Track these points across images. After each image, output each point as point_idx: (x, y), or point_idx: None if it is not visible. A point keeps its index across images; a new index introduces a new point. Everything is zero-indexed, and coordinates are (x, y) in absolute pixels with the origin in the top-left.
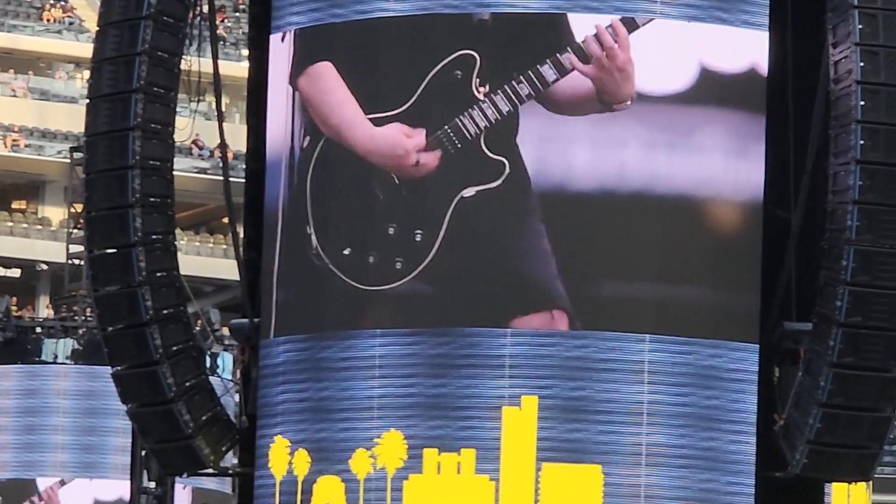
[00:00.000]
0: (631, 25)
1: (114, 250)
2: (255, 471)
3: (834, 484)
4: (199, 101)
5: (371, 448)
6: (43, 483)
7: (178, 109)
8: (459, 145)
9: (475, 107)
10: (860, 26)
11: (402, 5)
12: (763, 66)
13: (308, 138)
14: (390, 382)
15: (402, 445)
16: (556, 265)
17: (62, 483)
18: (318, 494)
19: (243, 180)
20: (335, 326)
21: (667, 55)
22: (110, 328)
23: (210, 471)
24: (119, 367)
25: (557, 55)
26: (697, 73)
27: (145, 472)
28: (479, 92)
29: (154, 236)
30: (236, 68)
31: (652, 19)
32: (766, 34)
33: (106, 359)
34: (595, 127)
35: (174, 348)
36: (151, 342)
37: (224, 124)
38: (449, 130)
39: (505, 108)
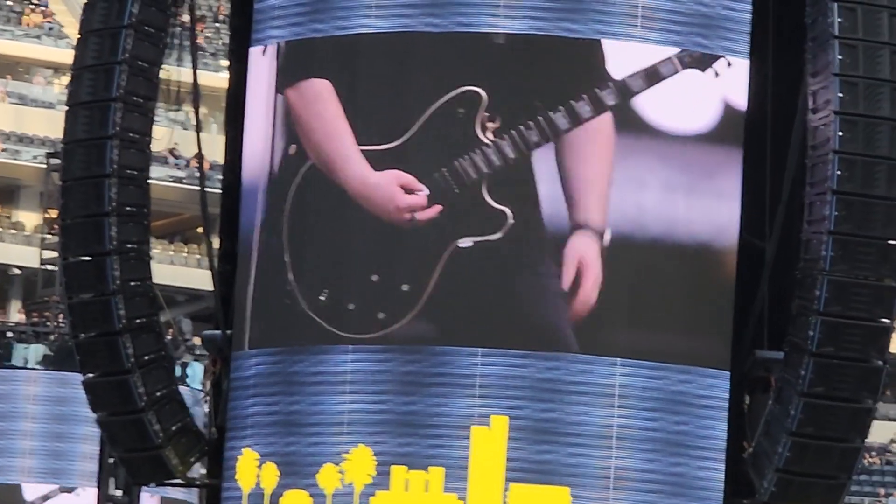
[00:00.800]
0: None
1: (88, 258)
2: (223, 482)
3: None
4: (177, 110)
5: (339, 463)
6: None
7: (155, 119)
8: (457, 191)
9: (478, 150)
10: (840, 57)
11: (381, 22)
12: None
13: (293, 151)
14: (361, 398)
15: (370, 461)
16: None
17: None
18: None
19: (219, 191)
20: (307, 342)
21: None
22: (82, 335)
23: (178, 481)
24: (90, 375)
25: (572, 102)
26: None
27: (112, 480)
28: (483, 134)
29: (129, 245)
30: (215, 79)
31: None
32: (747, 62)
33: (77, 365)
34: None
35: (146, 358)
36: (123, 351)
37: (201, 134)
38: (447, 174)
39: (511, 154)
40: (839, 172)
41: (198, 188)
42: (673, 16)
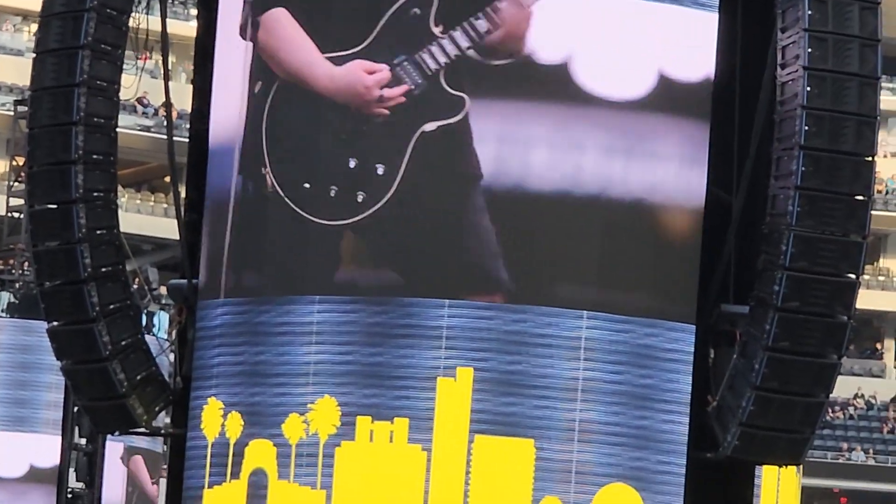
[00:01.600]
0: None
1: (54, 206)
2: (188, 432)
3: (765, 466)
4: (145, 58)
5: (304, 413)
6: None
7: (124, 67)
8: (420, 80)
9: (434, 43)
10: (809, 12)
11: None
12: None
13: (260, 83)
14: (327, 349)
15: (335, 412)
16: (501, 252)
17: None
18: (249, 457)
19: (186, 140)
20: (275, 291)
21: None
22: (48, 284)
23: (142, 430)
24: (55, 323)
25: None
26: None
27: (77, 428)
28: (436, 29)
29: (95, 193)
30: (184, 27)
31: None
32: (717, 16)
33: (42, 313)
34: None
35: (111, 307)
36: (88, 299)
37: (170, 83)
38: (409, 66)
39: (465, 43)
40: (807, 128)
41: (165, 137)
42: None
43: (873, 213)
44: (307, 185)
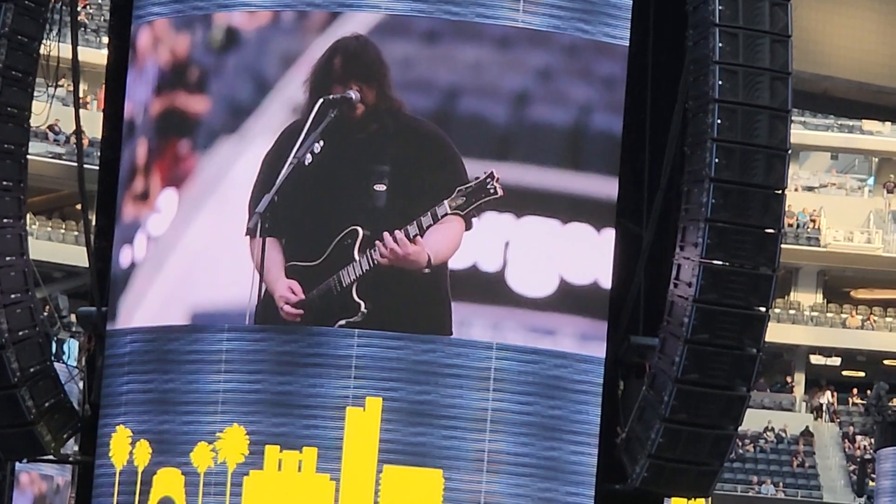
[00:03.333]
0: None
1: None
2: (96, 459)
3: (674, 499)
4: (56, 86)
5: (213, 442)
6: None
7: (35, 94)
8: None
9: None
10: (720, 44)
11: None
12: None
13: None
14: (236, 378)
15: (244, 441)
16: None
17: None
18: (157, 486)
19: (97, 167)
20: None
21: None
22: None
23: (50, 458)
24: None
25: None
26: None
27: None
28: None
29: (5, 220)
30: (96, 55)
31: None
32: (627, 49)
33: None
34: None
35: (20, 333)
36: None
37: (81, 111)
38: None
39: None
40: (717, 160)
41: (76, 164)
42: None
43: (784, 246)
44: None
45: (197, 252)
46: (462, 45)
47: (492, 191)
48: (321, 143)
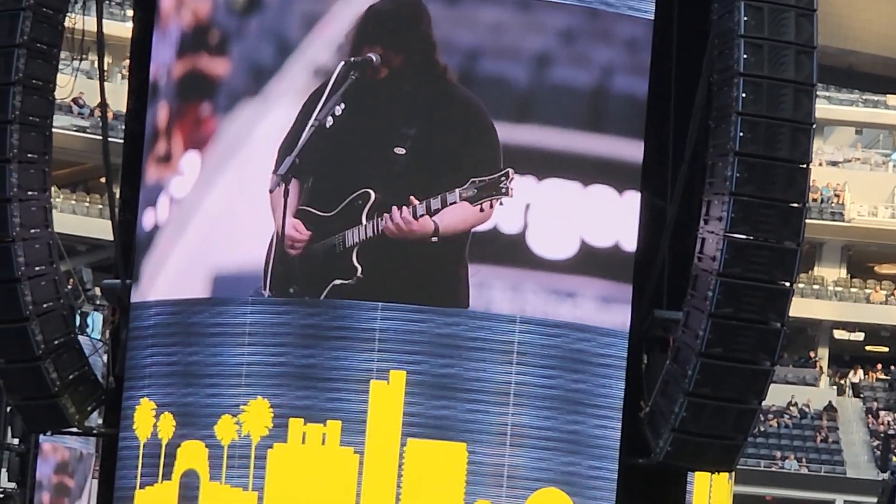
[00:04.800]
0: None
1: None
2: (120, 432)
3: (697, 473)
4: (81, 59)
5: (237, 415)
6: None
7: (60, 67)
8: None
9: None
10: (745, 18)
11: None
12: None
13: None
14: (260, 350)
15: (268, 414)
16: None
17: None
18: (181, 458)
19: (122, 141)
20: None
21: None
22: None
23: (74, 430)
24: None
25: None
26: None
27: (9, 428)
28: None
29: (30, 192)
30: (120, 28)
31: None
32: (651, 21)
33: None
34: None
35: (45, 306)
36: (22, 298)
37: (105, 84)
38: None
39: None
40: (742, 134)
41: (101, 138)
42: None
43: (808, 221)
44: None
45: (218, 214)
46: (483, 6)
47: (504, 191)
48: (342, 105)
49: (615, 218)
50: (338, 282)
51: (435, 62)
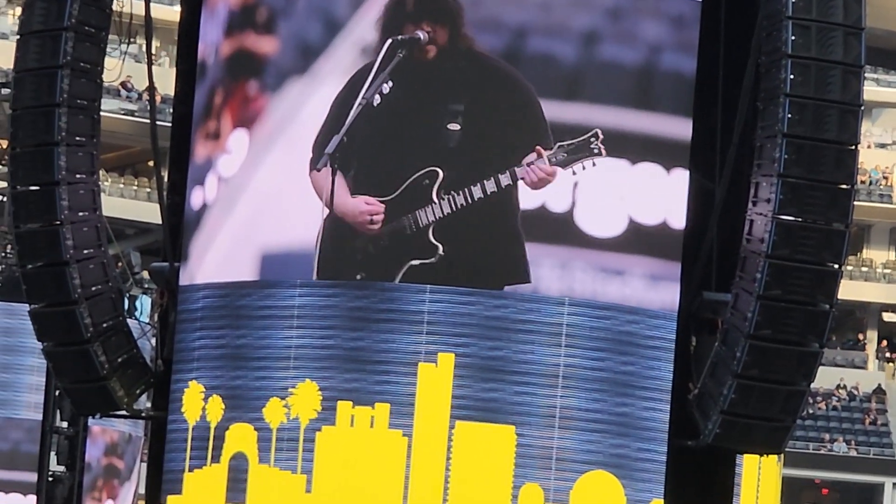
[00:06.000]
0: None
1: (37, 188)
2: (169, 415)
3: (745, 455)
4: (129, 42)
5: (285, 398)
6: None
7: (107, 50)
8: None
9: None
10: (793, 0)
11: None
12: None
13: None
14: (308, 333)
15: (316, 396)
16: None
17: None
18: (230, 441)
19: (170, 124)
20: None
21: None
22: (29, 266)
23: (123, 413)
24: (36, 305)
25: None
26: None
27: (58, 411)
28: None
29: (78, 175)
30: (168, 12)
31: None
32: (699, 3)
33: (24, 296)
34: None
35: (93, 289)
36: (70, 282)
37: (153, 67)
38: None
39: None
40: (790, 116)
41: (149, 121)
42: None
43: (857, 203)
44: None
45: (266, 193)
46: None
47: (595, 150)
48: (390, 83)
49: (663, 196)
50: (416, 262)
51: (463, 37)
